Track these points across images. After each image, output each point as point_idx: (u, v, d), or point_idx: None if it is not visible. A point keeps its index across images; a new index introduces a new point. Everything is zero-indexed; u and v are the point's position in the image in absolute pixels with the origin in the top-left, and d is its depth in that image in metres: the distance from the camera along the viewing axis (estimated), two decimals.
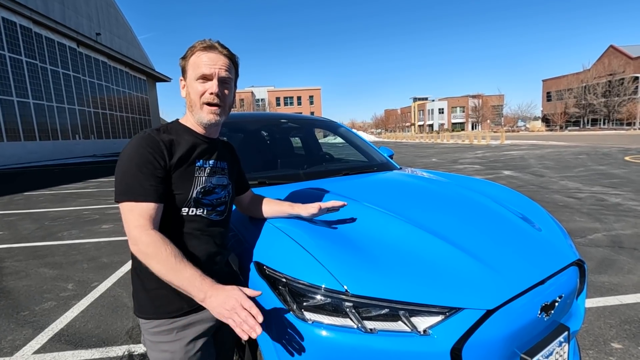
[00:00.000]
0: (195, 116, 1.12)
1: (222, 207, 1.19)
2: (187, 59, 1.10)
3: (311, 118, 3.44)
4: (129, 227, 0.97)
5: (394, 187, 2.12)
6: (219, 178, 1.18)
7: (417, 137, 48.17)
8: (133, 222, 0.96)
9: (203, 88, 1.08)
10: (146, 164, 0.99)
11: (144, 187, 0.98)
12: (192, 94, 1.10)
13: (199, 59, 1.08)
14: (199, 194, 1.10)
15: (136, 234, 0.96)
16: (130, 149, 1.02)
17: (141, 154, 1.00)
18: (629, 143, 20.11)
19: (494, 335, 1.11)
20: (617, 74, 49.07)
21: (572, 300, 1.44)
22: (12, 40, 20.32)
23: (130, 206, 0.97)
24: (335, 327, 1.07)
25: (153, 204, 0.99)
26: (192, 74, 1.09)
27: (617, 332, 2.29)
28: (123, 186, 0.99)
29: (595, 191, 6.82)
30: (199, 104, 1.10)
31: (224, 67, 1.10)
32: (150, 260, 0.94)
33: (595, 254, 3.64)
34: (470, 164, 12.91)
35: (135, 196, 0.98)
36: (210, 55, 1.08)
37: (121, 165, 1.01)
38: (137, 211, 0.97)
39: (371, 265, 1.19)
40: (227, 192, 1.22)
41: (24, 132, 21.03)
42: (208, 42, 1.10)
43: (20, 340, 2.45)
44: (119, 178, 1.00)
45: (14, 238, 5.05)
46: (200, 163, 1.13)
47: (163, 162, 1.02)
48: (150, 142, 1.03)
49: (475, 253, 1.31)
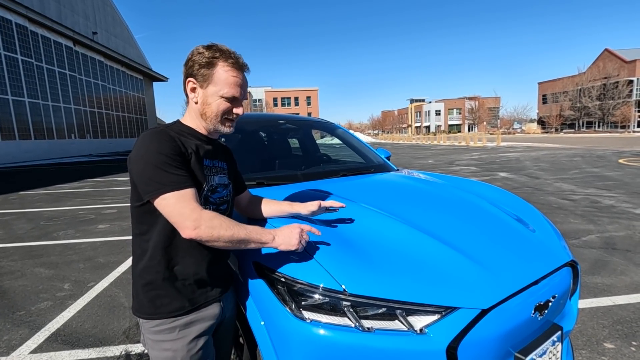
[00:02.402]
0: (209, 125, 1.14)
1: (224, 206, 1.21)
2: (210, 69, 1.08)
3: (309, 119, 3.46)
4: (184, 214, 0.98)
5: (391, 188, 2.14)
6: (220, 177, 1.21)
7: (413, 138, 48.34)
8: (186, 207, 0.98)
9: (227, 106, 1.12)
10: (175, 156, 1.02)
11: (182, 176, 1.01)
12: (213, 106, 1.11)
13: (229, 77, 1.09)
14: (208, 192, 1.13)
15: (196, 215, 0.99)
16: (152, 143, 1.01)
17: (167, 147, 1.01)
18: (623, 146, 20.31)
19: (488, 334, 1.13)
20: (611, 77, 49.54)
21: (565, 301, 1.47)
22: (7, 39, 20.18)
23: (178, 195, 0.99)
24: (333, 326, 1.09)
25: (193, 189, 1.03)
26: (218, 89, 1.09)
27: (609, 332, 2.32)
28: (161, 179, 0.98)
29: (589, 193, 6.89)
30: (220, 118, 1.13)
31: (246, 87, 1.15)
32: (218, 231, 1.00)
33: (589, 255, 3.68)
34: (467, 165, 12.98)
35: (179, 184, 0.99)
36: (240, 76, 1.11)
37: (149, 160, 0.99)
38: (186, 197, 0.99)
39: (368, 265, 1.21)
40: (228, 191, 1.24)
41: (19, 131, 20.87)
42: (236, 58, 1.11)
43: (17, 340, 2.44)
44: (153, 173, 0.98)
45: (9, 238, 5.02)
46: (208, 162, 1.16)
47: (182, 157, 1.05)
48: (168, 137, 1.05)
49: (470, 254, 1.33)
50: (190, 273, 1.10)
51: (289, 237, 1.11)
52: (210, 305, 1.16)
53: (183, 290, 1.10)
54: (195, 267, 1.11)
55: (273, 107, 65.48)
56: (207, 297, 1.15)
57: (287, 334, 1.12)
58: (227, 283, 1.26)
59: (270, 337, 1.17)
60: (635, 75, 47.99)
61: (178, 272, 1.08)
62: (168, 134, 1.06)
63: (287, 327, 1.12)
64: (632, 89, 48.13)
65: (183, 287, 1.10)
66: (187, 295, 1.10)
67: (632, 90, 48.12)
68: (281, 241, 1.10)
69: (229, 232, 1.02)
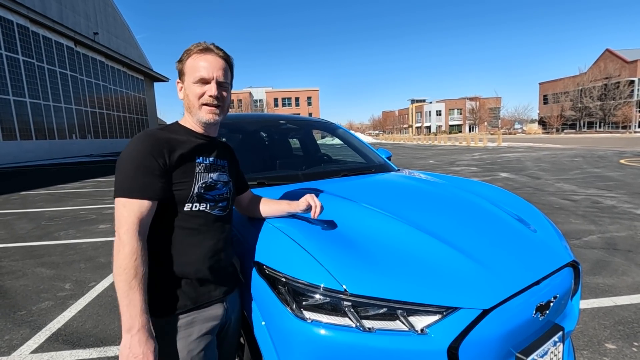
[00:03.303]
0: (194, 117, 1.15)
1: (224, 203, 1.20)
2: (184, 62, 1.13)
3: (309, 119, 3.46)
4: (119, 224, 0.99)
5: (392, 188, 2.14)
6: (219, 174, 1.20)
7: (414, 138, 48.31)
8: (124, 219, 0.98)
9: (201, 90, 1.11)
10: (144, 162, 1.01)
11: (140, 185, 1.00)
12: (190, 95, 1.13)
13: (196, 62, 1.11)
14: (201, 189, 1.12)
15: (123, 231, 0.97)
16: (130, 147, 1.04)
17: (140, 152, 1.02)
18: (624, 146, 20.27)
19: (490, 334, 1.12)
20: (613, 78, 49.47)
21: (566, 301, 1.47)
22: (8, 39, 20.23)
23: (124, 202, 0.99)
24: (334, 326, 1.09)
25: (147, 202, 1.01)
26: (190, 77, 1.11)
27: (611, 333, 2.32)
28: (120, 183, 1.01)
29: (590, 194, 6.88)
30: (197, 104, 1.13)
31: (222, 69, 1.13)
32: (118, 259, 0.96)
33: (590, 255, 3.68)
34: (467, 165, 12.97)
35: (130, 193, 0.99)
36: (207, 57, 1.11)
37: (121, 163, 1.03)
38: (129, 208, 0.99)
39: (370, 265, 1.21)
40: (228, 188, 1.23)
41: (20, 131, 20.92)
42: (204, 44, 1.13)
43: (18, 339, 2.44)
44: (118, 175, 1.02)
45: (11, 238, 5.03)
46: (201, 159, 1.15)
47: (162, 160, 1.04)
48: (149, 141, 1.05)
49: (471, 254, 1.33)
50: (190, 271, 1.09)
51: (130, 354, 0.93)
52: (212, 305, 1.15)
53: (184, 288, 1.09)
54: (196, 266, 1.10)
55: (274, 108, 65.50)
56: (210, 296, 1.14)
57: (288, 334, 1.12)
58: (231, 284, 1.25)
59: (272, 337, 1.17)
60: (636, 75, 47.92)
61: (178, 270, 1.08)
62: (153, 137, 1.06)
63: (288, 327, 1.12)
64: (633, 89, 48.05)
65: (184, 285, 1.09)
66: (188, 293, 1.09)
67: (633, 91, 48.04)
68: (127, 344, 0.93)
69: (120, 270, 0.95)
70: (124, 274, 0.94)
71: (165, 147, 1.06)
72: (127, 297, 0.94)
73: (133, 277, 0.95)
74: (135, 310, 0.94)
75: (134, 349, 0.93)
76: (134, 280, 0.95)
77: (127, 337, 0.93)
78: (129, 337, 0.93)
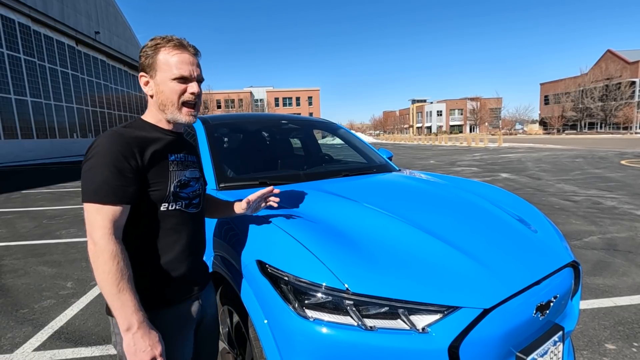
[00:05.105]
0: (169, 115, 1.10)
1: (197, 200, 1.19)
2: (154, 57, 1.07)
3: (310, 119, 3.47)
4: (92, 229, 0.94)
5: (393, 188, 2.15)
6: (192, 171, 1.18)
7: (415, 139, 48.30)
8: (98, 224, 0.93)
9: (182, 88, 1.07)
10: (116, 164, 0.96)
11: (113, 189, 0.95)
12: (167, 92, 1.07)
13: (172, 59, 1.06)
14: (177, 188, 1.10)
15: (98, 235, 0.93)
16: (98, 148, 0.98)
17: (110, 153, 0.96)
18: (625, 147, 20.25)
19: (490, 333, 1.13)
20: (614, 78, 49.38)
21: (566, 301, 1.48)
22: (10, 38, 20.27)
23: (97, 208, 0.94)
24: (336, 324, 1.10)
25: (120, 207, 0.96)
26: (166, 74, 1.06)
27: (611, 333, 2.33)
28: (90, 187, 0.95)
29: (591, 194, 6.88)
30: (177, 104, 1.08)
31: (199, 67, 1.11)
32: (99, 266, 0.91)
33: (591, 256, 3.68)
34: (468, 166, 12.97)
35: (103, 197, 0.94)
36: (184, 55, 1.07)
37: (89, 165, 0.97)
38: (103, 213, 0.94)
39: (371, 265, 1.22)
40: (200, 184, 1.22)
41: (21, 130, 20.96)
42: (176, 39, 1.08)
43: (20, 337, 2.46)
44: (88, 178, 0.96)
45: (12, 236, 5.04)
46: (173, 157, 1.12)
47: (134, 161, 0.99)
48: (119, 141, 0.99)
49: (472, 253, 1.34)
50: (167, 271, 1.08)
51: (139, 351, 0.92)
52: (187, 302, 1.14)
53: (161, 288, 1.07)
54: (173, 265, 1.09)
55: (275, 107, 65.48)
56: (186, 294, 1.14)
57: (291, 332, 1.13)
58: (205, 279, 1.25)
59: (274, 335, 1.18)
60: (637, 76, 47.85)
61: (154, 271, 1.06)
62: (122, 137, 1.01)
63: (290, 326, 1.13)
64: (634, 90, 47.96)
65: (161, 285, 1.07)
66: (165, 292, 1.07)
67: (634, 92, 47.96)
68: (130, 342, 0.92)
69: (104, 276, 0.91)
70: (110, 279, 0.90)
71: (136, 147, 1.01)
72: (118, 300, 0.91)
73: (120, 279, 0.91)
74: (129, 310, 0.91)
75: (140, 344, 0.91)
76: (122, 282, 0.91)
77: (129, 336, 0.91)
78: (131, 336, 0.91)
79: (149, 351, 0.92)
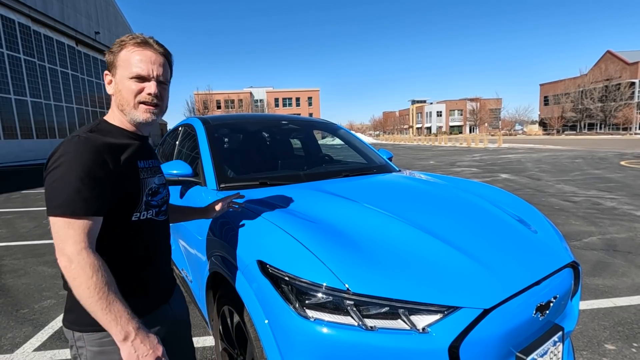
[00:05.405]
0: (127, 115, 1.03)
1: (165, 207, 1.16)
2: (116, 54, 1.01)
3: (310, 120, 3.48)
4: (65, 244, 0.86)
5: (393, 189, 2.15)
6: (159, 177, 1.14)
7: (415, 139, 48.32)
8: (72, 239, 0.86)
9: (138, 87, 1.00)
10: (87, 173, 0.89)
11: (86, 200, 0.88)
12: (124, 92, 1.00)
13: (132, 56, 1.00)
14: (148, 196, 1.06)
15: (73, 251, 0.85)
16: (67, 156, 0.89)
17: (81, 162, 0.89)
18: (625, 147, 20.27)
19: (490, 333, 1.14)
20: (613, 79, 49.43)
21: (566, 301, 1.48)
22: (10, 38, 20.28)
23: (68, 222, 0.87)
24: (336, 324, 1.10)
25: (93, 219, 0.90)
26: (125, 72, 1.00)
27: (610, 334, 2.33)
28: (61, 199, 0.87)
29: (591, 195, 6.89)
30: (132, 102, 1.01)
31: (162, 66, 1.03)
32: (81, 283, 0.84)
33: (590, 257, 3.69)
34: (468, 166, 12.98)
35: (76, 210, 0.87)
36: (145, 53, 1.01)
37: (57, 174, 0.88)
38: (76, 227, 0.87)
39: (372, 265, 1.22)
40: (166, 190, 1.19)
41: (21, 130, 20.97)
42: (141, 37, 1.02)
43: (21, 337, 2.46)
44: (56, 189, 0.87)
45: (12, 236, 5.05)
46: (142, 164, 1.07)
47: (106, 170, 0.93)
48: (89, 149, 0.92)
49: (472, 254, 1.35)
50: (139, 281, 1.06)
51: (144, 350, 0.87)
52: (159, 308, 1.12)
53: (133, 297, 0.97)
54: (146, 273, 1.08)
55: (274, 108, 65.49)
56: (158, 301, 1.12)
57: (291, 332, 1.13)
58: (173, 284, 1.25)
59: (274, 335, 1.18)
60: (637, 77, 47.90)
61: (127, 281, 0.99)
62: (92, 144, 0.93)
63: (290, 326, 1.13)
64: (634, 90, 48.02)
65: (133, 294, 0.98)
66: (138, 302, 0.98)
67: (634, 92, 48.01)
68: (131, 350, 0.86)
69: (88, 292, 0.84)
70: (97, 294, 0.84)
71: (107, 154, 0.95)
72: (110, 313, 0.84)
73: (107, 291, 0.85)
74: (124, 320, 0.86)
75: (141, 350, 0.87)
76: (110, 294, 0.85)
77: (127, 344, 0.86)
78: (130, 344, 0.86)
79: (152, 354, 0.89)
